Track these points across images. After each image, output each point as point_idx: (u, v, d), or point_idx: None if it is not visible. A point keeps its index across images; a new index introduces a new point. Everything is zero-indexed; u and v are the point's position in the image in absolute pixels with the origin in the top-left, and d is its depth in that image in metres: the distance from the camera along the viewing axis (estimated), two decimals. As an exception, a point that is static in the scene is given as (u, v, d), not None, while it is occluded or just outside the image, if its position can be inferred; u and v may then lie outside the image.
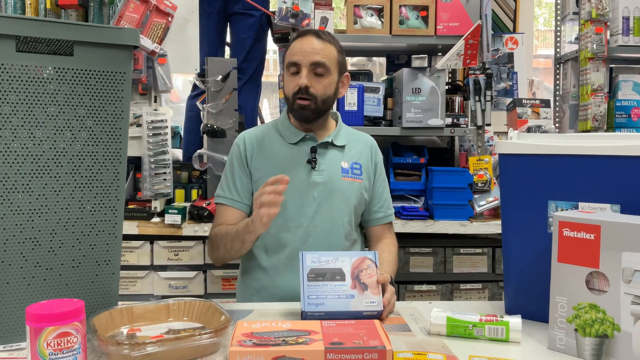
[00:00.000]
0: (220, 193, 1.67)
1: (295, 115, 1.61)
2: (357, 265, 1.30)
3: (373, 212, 1.71)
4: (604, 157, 1.20)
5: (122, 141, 1.23)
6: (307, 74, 1.55)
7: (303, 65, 1.56)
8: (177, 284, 2.32)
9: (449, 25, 2.51)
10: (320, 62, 1.56)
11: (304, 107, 1.57)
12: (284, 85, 1.63)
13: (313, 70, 1.56)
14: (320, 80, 1.57)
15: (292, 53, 1.58)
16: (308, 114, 1.59)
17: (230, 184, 1.65)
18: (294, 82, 1.57)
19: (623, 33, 2.58)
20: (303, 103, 1.57)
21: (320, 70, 1.57)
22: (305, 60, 1.55)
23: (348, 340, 1.03)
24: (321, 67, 1.56)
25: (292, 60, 1.57)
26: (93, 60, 1.17)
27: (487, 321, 1.18)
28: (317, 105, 1.58)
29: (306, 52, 1.56)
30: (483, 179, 2.38)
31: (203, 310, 1.25)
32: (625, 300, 1.03)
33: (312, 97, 1.56)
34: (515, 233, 1.32)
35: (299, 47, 1.57)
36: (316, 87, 1.56)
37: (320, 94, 1.57)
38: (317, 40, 1.58)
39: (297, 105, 1.57)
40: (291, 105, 1.60)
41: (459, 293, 2.42)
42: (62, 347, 0.95)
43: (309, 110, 1.58)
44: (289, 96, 1.60)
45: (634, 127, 2.59)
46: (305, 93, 1.55)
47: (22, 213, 1.13)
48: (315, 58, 1.56)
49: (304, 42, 1.58)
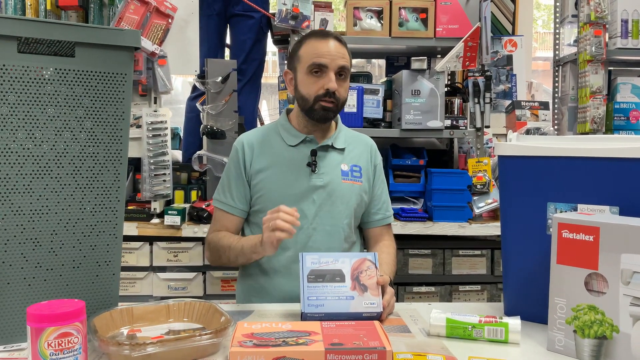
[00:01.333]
0: (217, 196, 1.67)
1: (316, 116, 1.58)
2: (357, 266, 1.30)
3: (372, 214, 1.71)
4: (602, 159, 1.20)
5: (122, 142, 1.23)
6: (334, 77, 1.54)
7: (330, 69, 1.54)
8: (177, 285, 2.32)
9: (448, 27, 2.52)
10: (345, 66, 1.57)
11: (328, 109, 1.57)
12: (301, 85, 1.59)
13: (338, 74, 1.56)
14: (342, 84, 1.58)
15: (318, 54, 1.55)
16: (331, 116, 1.59)
17: (226, 190, 1.66)
18: (318, 84, 1.55)
19: (622, 36, 2.59)
20: (329, 106, 1.56)
21: (344, 73, 1.57)
22: (333, 63, 1.54)
23: (348, 341, 1.03)
24: (345, 70, 1.57)
25: (319, 61, 1.54)
26: (94, 61, 1.18)
27: (487, 322, 1.18)
28: (339, 107, 1.60)
29: (333, 55, 1.55)
30: (482, 180, 2.39)
31: (203, 311, 1.25)
32: (624, 302, 1.04)
33: (337, 100, 1.57)
34: (515, 234, 1.32)
35: (325, 49, 1.55)
36: (340, 90, 1.57)
37: (342, 97, 1.59)
38: (340, 44, 1.58)
39: (321, 106, 1.56)
40: (311, 106, 1.57)
41: (457, 295, 2.43)
42: (62, 347, 0.95)
43: (332, 112, 1.58)
44: (309, 97, 1.57)
45: (633, 130, 2.60)
46: (333, 96, 1.55)
47: (23, 214, 1.13)
48: (342, 62, 1.56)
49: (330, 45, 1.56)
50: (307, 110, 1.59)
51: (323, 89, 1.54)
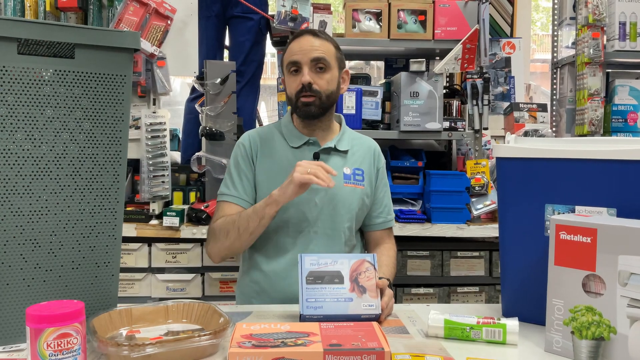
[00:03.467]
0: (225, 191, 1.63)
1: (300, 113, 1.59)
2: (355, 267, 1.30)
3: (373, 217, 1.71)
4: (600, 161, 1.21)
5: (122, 143, 1.23)
6: (308, 71, 1.55)
7: (303, 63, 1.55)
8: (175, 286, 2.32)
9: (446, 29, 2.53)
10: (320, 57, 1.56)
11: (309, 103, 1.56)
12: (286, 87, 1.62)
13: (314, 67, 1.56)
14: (322, 76, 1.57)
15: (291, 53, 1.58)
16: (313, 109, 1.57)
17: (236, 182, 1.62)
18: (296, 81, 1.57)
19: (620, 38, 2.59)
20: (307, 100, 1.56)
21: (321, 65, 1.57)
22: (305, 57, 1.55)
23: (347, 342, 1.03)
24: (322, 62, 1.56)
25: (291, 59, 1.57)
26: (94, 62, 1.18)
27: (485, 323, 1.18)
28: (322, 100, 1.57)
29: (305, 50, 1.56)
30: (480, 182, 2.39)
31: (202, 312, 1.26)
32: (621, 303, 1.04)
33: (315, 92, 1.56)
34: (513, 236, 1.32)
35: (297, 47, 1.57)
36: (319, 82, 1.56)
37: (323, 89, 1.57)
38: (314, 38, 1.59)
39: (301, 102, 1.56)
40: (294, 104, 1.59)
41: (456, 296, 2.43)
42: (62, 348, 0.95)
43: (314, 107, 1.57)
44: (291, 96, 1.59)
45: (631, 132, 2.61)
46: (309, 90, 1.55)
47: (22, 214, 1.13)
48: (314, 54, 1.56)
49: (302, 41, 1.58)
50: (294, 110, 1.61)
51: (300, 84, 1.56)
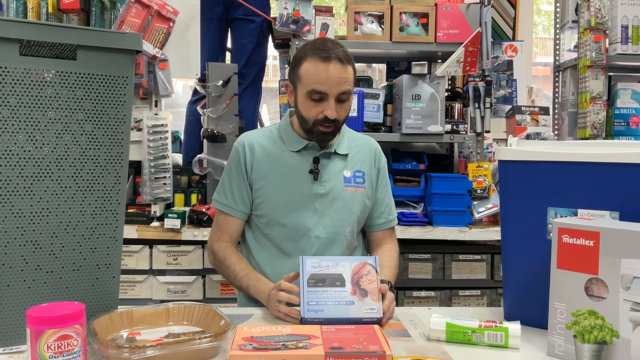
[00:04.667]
0: (218, 198, 1.65)
1: (315, 137, 1.58)
2: (357, 270, 1.30)
3: (375, 217, 1.71)
4: (603, 164, 1.21)
5: (123, 145, 1.23)
6: (334, 104, 1.51)
7: (331, 96, 1.51)
8: (176, 288, 2.32)
9: (448, 32, 2.53)
10: (346, 91, 1.53)
11: (327, 133, 1.56)
12: (300, 106, 1.57)
13: (338, 99, 1.52)
14: (343, 106, 1.55)
15: (317, 81, 1.50)
16: (329, 138, 1.59)
17: (227, 191, 1.64)
18: (317, 110, 1.53)
19: (622, 41, 2.59)
20: (327, 130, 1.55)
21: (345, 97, 1.54)
22: (333, 90, 1.50)
23: (348, 345, 1.03)
24: (346, 94, 1.54)
25: (318, 89, 1.50)
26: (96, 64, 1.18)
27: (487, 327, 1.18)
28: (338, 127, 1.59)
29: (333, 82, 1.50)
30: (482, 185, 2.39)
31: (203, 314, 1.25)
32: (624, 307, 1.04)
33: (336, 123, 1.55)
34: (515, 239, 1.32)
35: (325, 76, 1.49)
36: (340, 113, 1.54)
37: (342, 118, 1.57)
38: (341, 66, 1.51)
39: (320, 131, 1.55)
40: (310, 128, 1.56)
41: (457, 299, 2.42)
42: (62, 349, 0.95)
43: (331, 135, 1.58)
44: (308, 119, 1.55)
45: (633, 135, 2.60)
46: (332, 122, 1.53)
47: (23, 216, 1.13)
48: (343, 88, 1.51)
49: (330, 71, 1.49)
50: (307, 131, 1.59)
51: (322, 114, 1.52)
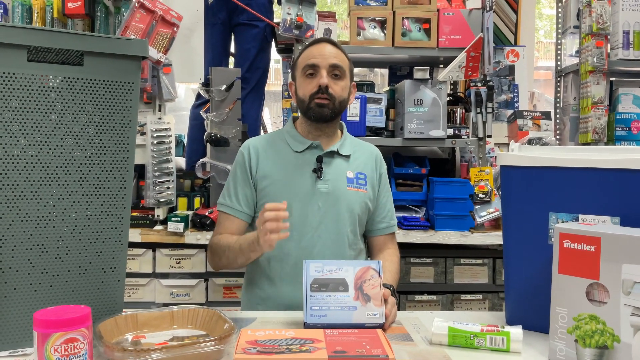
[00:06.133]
0: (222, 201, 1.68)
1: (312, 114, 1.63)
2: (360, 275, 1.31)
3: (376, 222, 1.72)
4: (604, 170, 1.21)
5: (129, 150, 1.24)
6: (326, 75, 1.60)
7: (322, 67, 1.60)
8: (179, 291, 2.33)
9: (450, 37, 2.54)
10: (338, 64, 1.62)
11: (323, 105, 1.61)
12: (298, 89, 1.66)
13: (331, 72, 1.61)
14: (337, 82, 1.63)
15: (310, 56, 1.63)
16: (326, 112, 1.62)
17: (232, 193, 1.66)
18: (312, 83, 1.61)
19: (623, 47, 2.60)
20: (322, 102, 1.60)
21: (338, 72, 1.62)
22: (325, 62, 1.61)
23: (351, 349, 1.04)
24: (338, 69, 1.62)
25: (310, 62, 1.61)
26: (102, 70, 1.19)
27: (489, 331, 1.19)
28: (335, 105, 1.62)
29: (324, 55, 1.62)
30: (484, 190, 2.40)
31: (207, 318, 1.26)
32: (625, 312, 1.04)
33: (330, 96, 1.61)
34: (517, 244, 1.33)
35: (317, 51, 1.63)
36: (334, 88, 1.62)
37: (338, 95, 1.62)
38: (332, 46, 1.65)
39: (316, 103, 1.61)
40: (307, 106, 1.63)
41: (459, 303, 2.43)
42: (68, 352, 0.96)
43: (327, 109, 1.61)
44: (305, 98, 1.63)
45: (634, 140, 2.61)
46: (326, 92, 1.60)
47: (30, 220, 1.14)
48: (333, 60, 1.61)
49: (321, 47, 1.64)
50: (305, 112, 1.64)
51: (316, 86, 1.60)
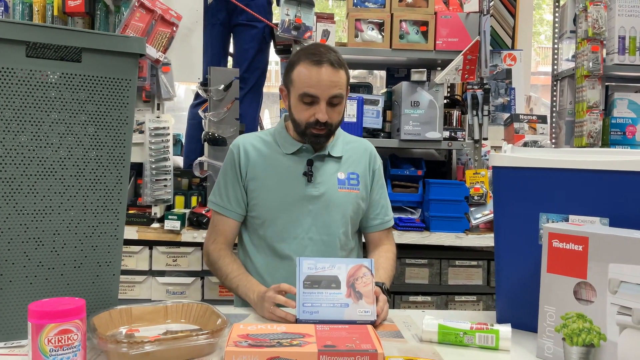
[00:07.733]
0: (214, 199, 1.67)
1: (307, 140, 1.61)
2: (352, 273, 1.32)
3: (370, 219, 1.72)
4: (594, 171, 1.23)
5: (125, 146, 1.26)
6: (325, 107, 1.54)
7: (322, 99, 1.54)
8: (175, 289, 2.34)
9: (448, 40, 2.56)
10: (338, 94, 1.55)
11: (320, 135, 1.58)
12: (293, 109, 1.60)
13: (330, 102, 1.55)
14: (335, 109, 1.57)
15: (309, 84, 1.53)
16: (322, 141, 1.61)
17: (223, 192, 1.66)
18: (309, 112, 1.56)
19: (619, 52, 2.62)
20: (320, 133, 1.58)
21: (337, 100, 1.56)
22: (324, 94, 1.53)
23: (341, 344, 1.05)
24: (338, 98, 1.56)
25: (309, 92, 1.53)
26: (100, 67, 1.21)
27: (478, 329, 1.20)
28: (331, 131, 1.61)
29: (324, 85, 1.52)
30: (479, 192, 2.41)
31: (200, 312, 1.28)
32: (611, 311, 1.06)
33: (328, 126, 1.57)
34: (507, 243, 1.34)
35: (316, 79, 1.52)
36: (332, 116, 1.57)
37: (335, 122, 1.60)
38: (332, 70, 1.53)
39: (312, 133, 1.57)
40: (302, 131, 1.59)
41: (453, 305, 2.44)
42: (62, 343, 0.98)
43: (324, 138, 1.60)
44: (300, 123, 1.58)
45: (629, 144, 2.63)
46: (324, 124, 1.56)
47: (26, 213, 1.16)
48: (333, 92, 1.54)
49: (322, 74, 1.52)
50: (300, 134, 1.62)
51: (314, 117, 1.55)
